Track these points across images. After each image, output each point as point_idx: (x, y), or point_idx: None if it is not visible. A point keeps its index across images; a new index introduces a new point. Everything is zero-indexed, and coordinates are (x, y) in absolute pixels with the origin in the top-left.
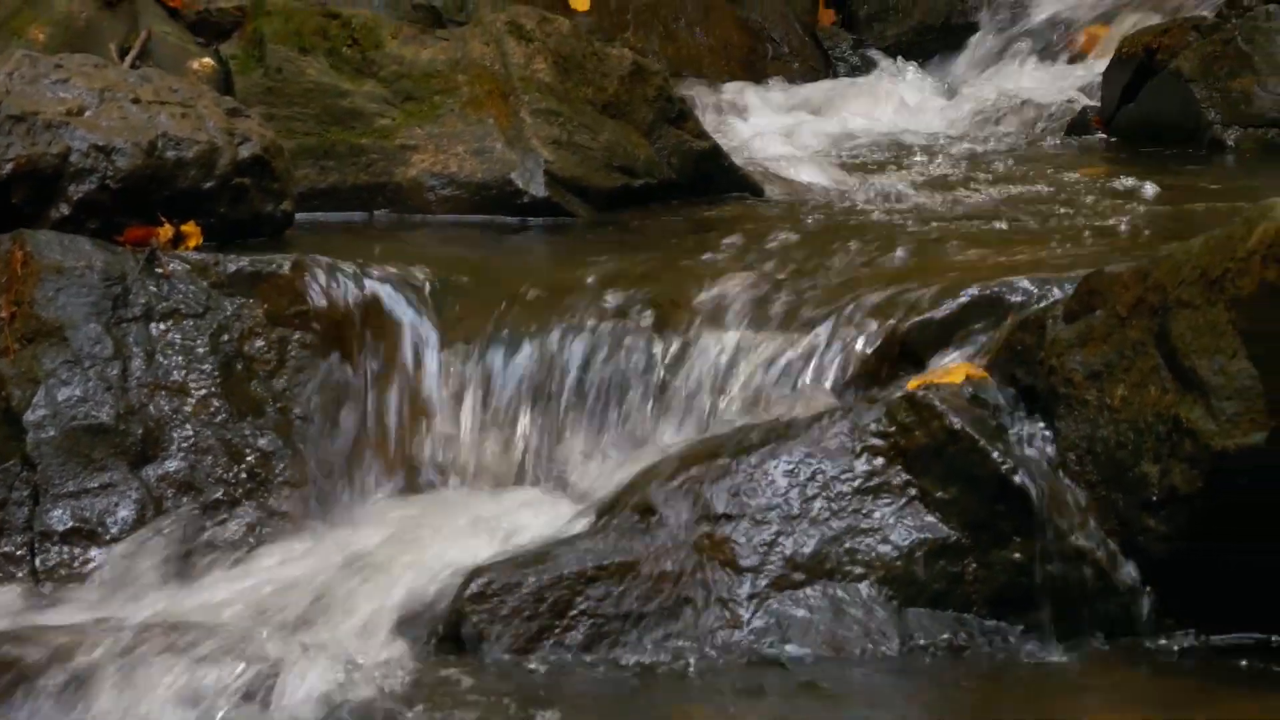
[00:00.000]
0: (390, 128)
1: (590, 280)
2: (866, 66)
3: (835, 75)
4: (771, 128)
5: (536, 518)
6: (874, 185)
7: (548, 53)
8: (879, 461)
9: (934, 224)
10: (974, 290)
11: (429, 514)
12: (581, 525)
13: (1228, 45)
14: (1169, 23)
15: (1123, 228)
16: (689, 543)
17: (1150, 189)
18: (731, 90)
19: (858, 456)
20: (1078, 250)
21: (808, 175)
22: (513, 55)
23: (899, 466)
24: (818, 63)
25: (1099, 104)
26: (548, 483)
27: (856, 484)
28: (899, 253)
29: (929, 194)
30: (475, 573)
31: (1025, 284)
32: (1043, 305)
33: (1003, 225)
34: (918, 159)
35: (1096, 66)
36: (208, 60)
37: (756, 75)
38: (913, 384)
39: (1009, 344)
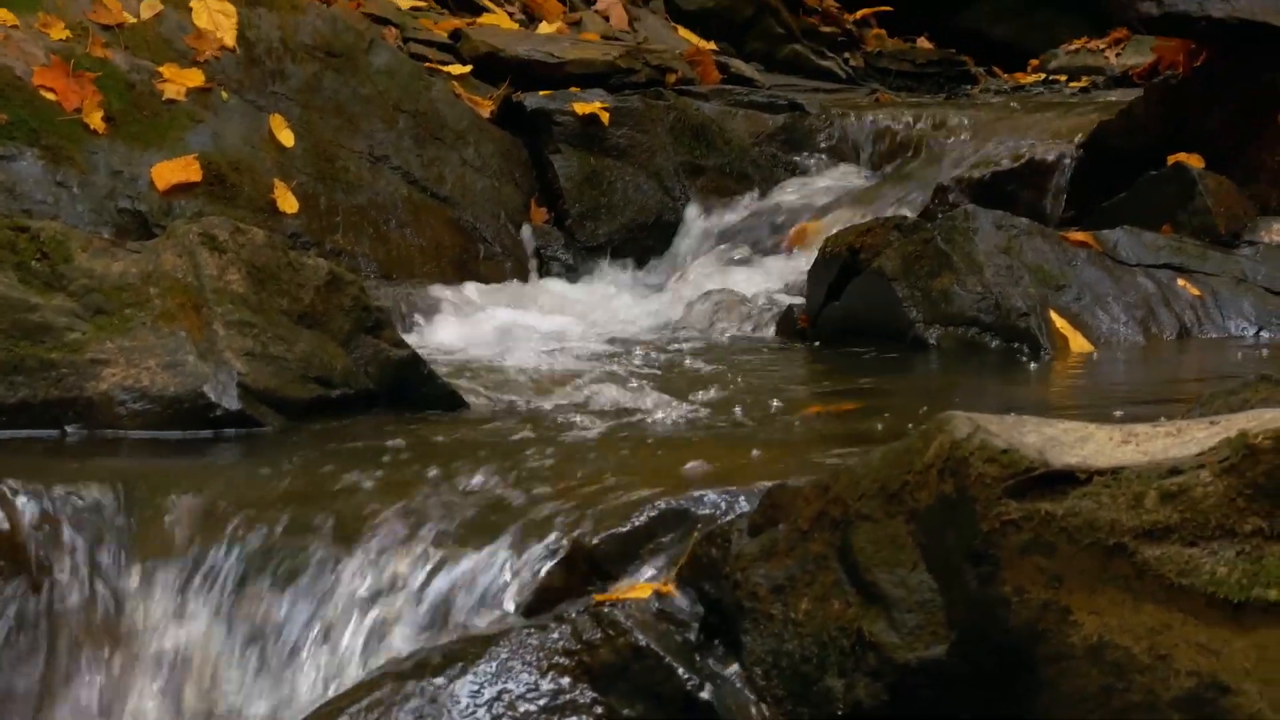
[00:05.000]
0: (81, 341)
1: (272, 497)
2: (578, 265)
3: (548, 274)
4: (478, 331)
5: None
6: (576, 391)
7: (241, 263)
8: (565, 680)
9: (630, 431)
10: (663, 503)
11: None
12: None
13: (928, 245)
14: (871, 222)
15: (818, 433)
16: None
17: (850, 390)
18: (441, 292)
19: (544, 675)
20: (771, 459)
21: (511, 381)
22: (206, 267)
23: (585, 685)
24: (530, 262)
25: (806, 301)
26: (231, 713)
27: (543, 703)
28: (592, 463)
29: (629, 398)
30: None
31: (714, 496)
32: (729, 518)
33: (699, 431)
34: (623, 361)
35: (805, 263)
36: None
37: (469, 275)
38: (599, 599)
39: (696, 557)
